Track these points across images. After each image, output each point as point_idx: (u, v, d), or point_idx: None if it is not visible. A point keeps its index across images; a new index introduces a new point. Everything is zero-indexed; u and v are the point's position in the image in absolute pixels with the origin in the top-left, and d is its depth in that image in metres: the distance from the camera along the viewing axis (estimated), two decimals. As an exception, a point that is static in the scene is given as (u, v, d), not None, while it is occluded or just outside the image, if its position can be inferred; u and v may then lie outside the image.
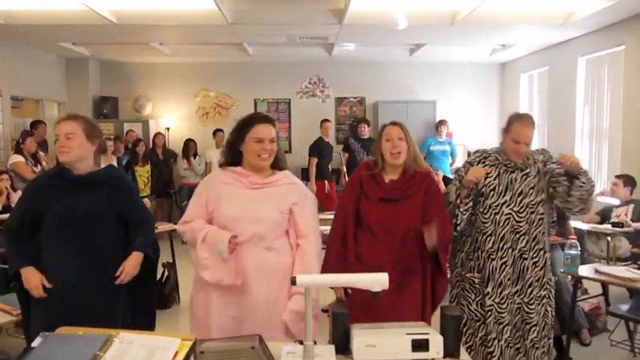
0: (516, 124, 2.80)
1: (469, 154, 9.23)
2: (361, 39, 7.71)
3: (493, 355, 2.81)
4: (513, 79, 9.55)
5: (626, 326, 3.89)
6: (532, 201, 2.79)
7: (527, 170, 2.82)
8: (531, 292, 2.80)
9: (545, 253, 2.84)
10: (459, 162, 8.87)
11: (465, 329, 2.91)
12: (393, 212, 2.64)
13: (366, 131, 8.56)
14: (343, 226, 2.69)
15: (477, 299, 2.87)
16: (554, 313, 2.88)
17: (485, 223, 2.81)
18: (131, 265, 2.51)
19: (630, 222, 5.09)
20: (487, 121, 9.89)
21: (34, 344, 1.60)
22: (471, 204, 2.80)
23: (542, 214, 2.81)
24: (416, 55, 8.79)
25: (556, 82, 8.06)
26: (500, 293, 2.80)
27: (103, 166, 2.62)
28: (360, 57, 9.10)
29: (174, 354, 1.57)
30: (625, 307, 3.80)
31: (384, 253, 2.59)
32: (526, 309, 2.80)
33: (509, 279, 2.80)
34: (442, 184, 6.83)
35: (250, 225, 2.31)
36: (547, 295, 2.85)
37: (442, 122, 8.84)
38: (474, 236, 2.86)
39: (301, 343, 1.81)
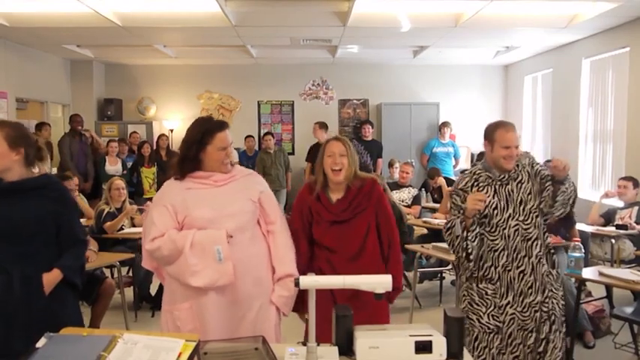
0: (499, 131, 2.77)
1: (472, 157, 9.31)
2: (365, 41, 7.72)
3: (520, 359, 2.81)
4: (517, 81, 9.54)
5: (630, 329, 3.88)
6: (533, 206, 2.78)
7: (520, 177, 2.81)
8: (545, 292, 2.78)
9: (546, 249, 2.83)
10: (462, 164, 8.87)
11: (476, 344, 2.85)
12: (344, 233, 2.65)
13: (369, 133, 8.56)
14: (296, 242, 2.65)
15: (489, 311, 2.81)
16: (561, 306, 2.84)
17: (495, 240, 2.78)
18: (45, 281, 2.35)
19: (635, 224, 5.07)
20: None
21: (38, 345, 1.60)
22: (477, 229, 2.77)
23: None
24: (419, 58, 8.80)
25: (560, 84, 8.05)
26: (522, 301, 2.77)
27: (112, 167, 2.55)
28: (363, 59, 9.11)
29: (177, 355, 1.57)
30: (629, 310, 3.78)
31: (342, 268, 2.57)
32: (544, 309, 2.79)
33: (530, 287, 2.76)
34: (445, 186, 6.81)
35: (230, 221, 2.29)
36: (551, 290, 2.82)
37: (445, 124, 8.84)
38: (482, 251, 2.81)
39: (304, 344, 1.82)
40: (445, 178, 7.32)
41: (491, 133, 2.79)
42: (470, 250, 2.76)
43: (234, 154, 7.72)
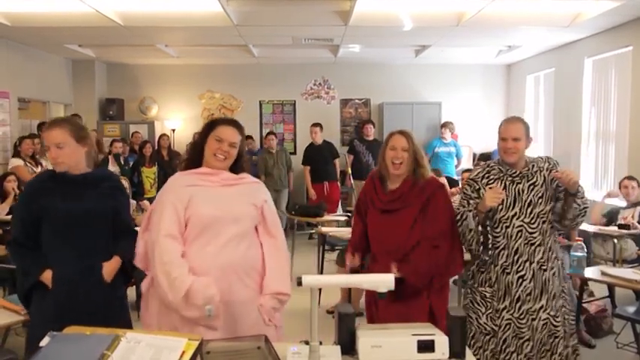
0: (503, 123, 2.84)
1: (474, 157, 9.29)
2: (366, 40, 7.71)
3: None
4: (519, 81, 9.53)
5: (632, 328, 3.86)
6: (542, 210, 2.72)
7: (534, 179, 2.75)
8: (556, 303, 2.74)
9: (559, 261, 2.78)
10: (465, 164, 8.85)
11: (472, 342, 2.85)
12: (389, 223, 2.70)
13: (371, 132, 8.54)
14: (358, 235, 2.84)
15: (488, 312, 2.80)
16: (570, 322, 2.80)
17: (497, 237, 2.75)
18: (108, 268, 2.50)
19: (637, 224, 5.06)
20: (493, 122, 9.81)
21: (42, 343, 1.60)
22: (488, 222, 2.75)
23: (552, 221, 2.76)
24: (421, 57, 8.79)
25: (562, 84, 8.03)
26: (519, 308, 2.74)
27: (112, 167, 2.61)
28: (365, 58, 9.11)
29: (180, 354, 1.57)
30: (631, 310, 3.78)
31: (387, 263, 2.62)
32: (553, 322, 2.73)
33: (529, 294, 2.72)
34: (447, 186, 6.80)
35: (231, 222, 2.29)
36: (564, 305, 2.78)
37: (447, 124, 8.82)
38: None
39: (307, 343, 1.82)
40: (447, 178, 7.31)
41: (499, 126, 2.83)
42: (488, 243, 2.74)
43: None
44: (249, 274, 2.33)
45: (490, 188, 2.73)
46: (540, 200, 2.73)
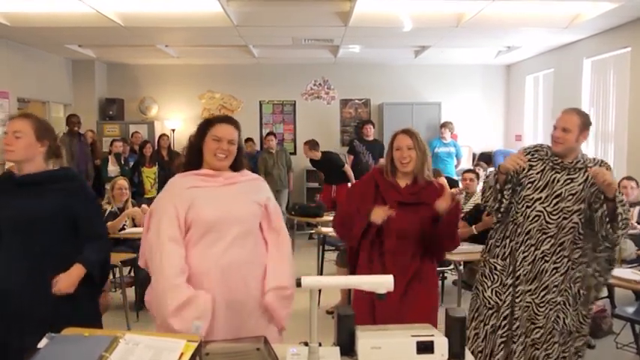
0: (561, 114, 2.83)
1: (474, 157, 9.28)
2: (366, 41, 7.72)
3: (503, 344, 2.81)
4: (519, 81, 9.54)
5: (632, 329, 3.87)
6: (568, 207, 2.71)
7: (575, 175, 2.74)
8: (544, 295, 2.76)
9: (569, 261, 2.76)
10: (464, 164, 8.85)
11: (476, 315, 2.90)
12: (410, 216, 2.70)
13: (371, 133, 8.54)
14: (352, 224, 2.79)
15: (494, 286, 2.85)
16: (567, 322, 2.79)
17: (517, 213, 2.80)
18: (67, 279, 2.31)
19: (636, 224, 5.07)
20: (492, 122, 9.88)
21: (40, 345, 1.61)
22: (510, 191, 2.78)
23: (576, 223, 2.73)
24: (421, 57, 8.79)
25: (561, 84, 8.04)
26: (517, 287, 2.80)
27: (113, 167, 2.50)
28: (365, 59, 9.11)
29: (179, 355, 1.58)
30: (631, 310, 3.79)
31: (403, 255, 2.66)
32: (535, 310, 2.78)
33: (525, 275, 2.79)
34: (447, 186, 6.80)
35: (234, 223, 2.27)
36: (563, 302, 2.77)
37: (447, 124, 8.82)
38: (506, 224, 2.85)
39: (306, 344, 1.82)
40: (447, 178, 7.30)
41: None
42: (502, 208, 2.78)
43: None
44: (254, 275, 2.31)
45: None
46: (571, 197, 2.71)
